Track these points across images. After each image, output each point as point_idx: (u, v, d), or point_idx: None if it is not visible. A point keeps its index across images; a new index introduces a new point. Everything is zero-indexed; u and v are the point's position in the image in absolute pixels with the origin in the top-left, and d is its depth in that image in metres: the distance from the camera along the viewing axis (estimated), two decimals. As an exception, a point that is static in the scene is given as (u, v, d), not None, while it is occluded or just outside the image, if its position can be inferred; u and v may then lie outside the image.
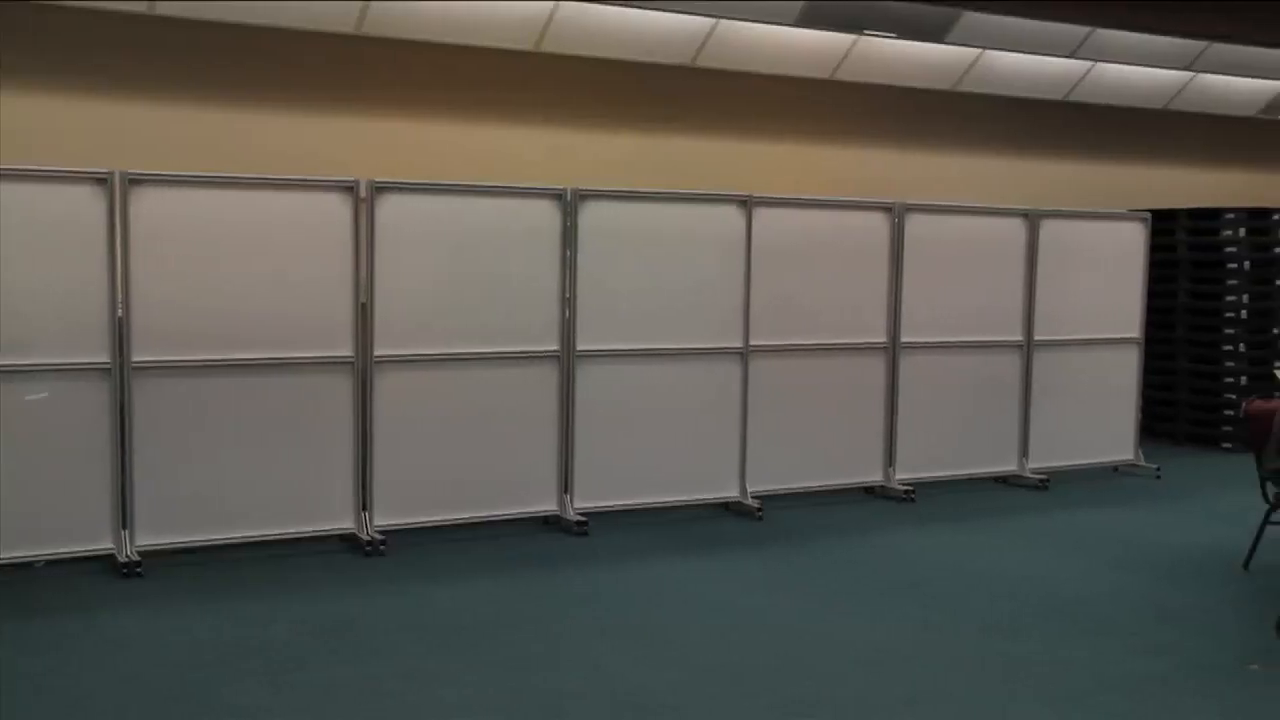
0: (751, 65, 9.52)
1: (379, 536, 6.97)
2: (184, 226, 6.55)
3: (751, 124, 10.20)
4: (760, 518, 7.96)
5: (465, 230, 7.26)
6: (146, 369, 6.52)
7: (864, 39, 9.44)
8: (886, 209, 8.69)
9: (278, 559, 6.78)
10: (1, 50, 7.83)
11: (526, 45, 8.66)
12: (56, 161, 6.56)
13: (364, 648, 5.39)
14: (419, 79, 8.98)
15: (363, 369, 7.02)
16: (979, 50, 9.99)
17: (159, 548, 6.60)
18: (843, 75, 9.88)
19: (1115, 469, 9.82)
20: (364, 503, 7.08)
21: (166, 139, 8.31)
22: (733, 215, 8.02)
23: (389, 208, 7.03)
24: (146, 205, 6.46)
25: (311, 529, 6.99)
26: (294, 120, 8.65)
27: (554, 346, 7.53)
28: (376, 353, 7.04)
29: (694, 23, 8.81)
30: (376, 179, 7.02)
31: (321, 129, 8.69)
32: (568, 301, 7.56)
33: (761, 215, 8.12)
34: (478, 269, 7.29)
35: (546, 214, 7.47)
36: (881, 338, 8.69)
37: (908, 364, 8.79)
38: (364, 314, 7.00)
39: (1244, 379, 10.90)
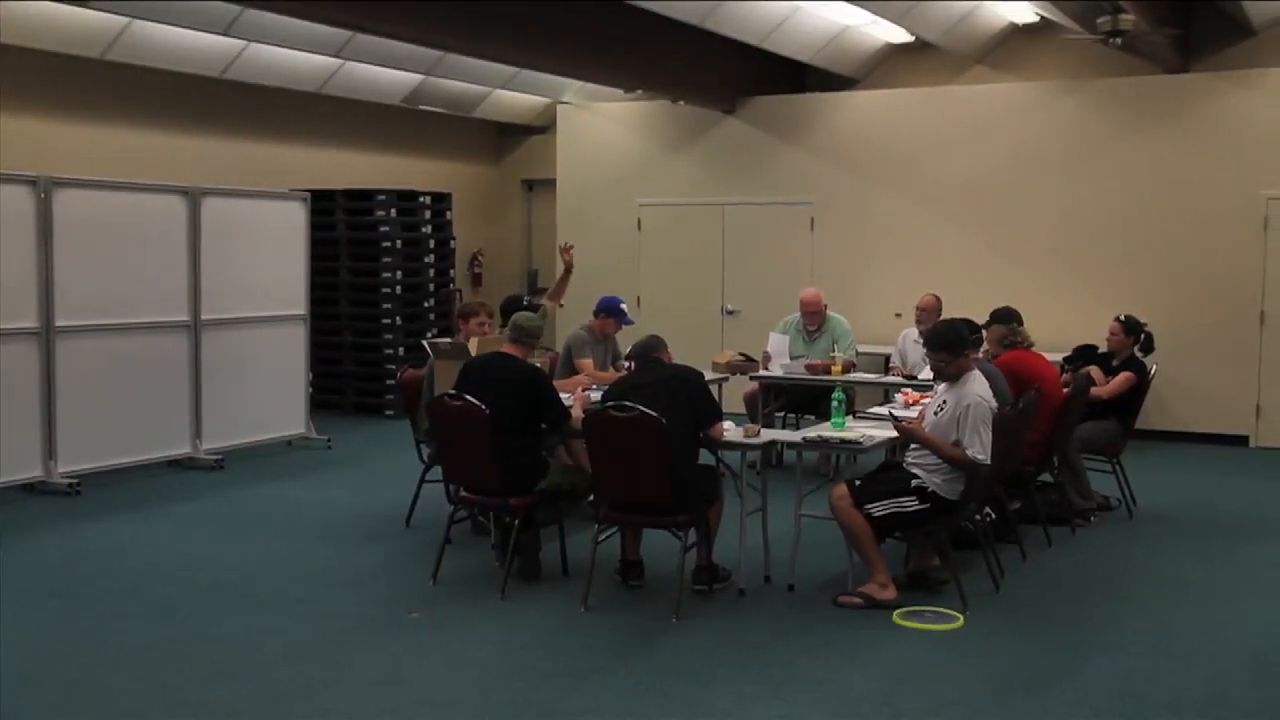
0: None
1: None
2: None
3: None
4: (-106, 533, 6.99)
5: None
6: None
7: (-4, -3, 8.61)
8: (30, 183, 8.01)
9: None
10: None
11: None
12: None
13: None
14: None
15: None
16: (127, 20, 9.56)
17: None
18: (-27, 35, 8.92)
19: (289, 443, 10.04)
20: None
21: None
22: None
23: None
24: None
25: None
26: None
27: None
28: None
29: None
30: None
31: None
32: None
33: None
34: None
35: None
36: (32, 322, 8.01)
37: (66, 349, 8.20)
38: None
39: (402, 350, 11.69)
